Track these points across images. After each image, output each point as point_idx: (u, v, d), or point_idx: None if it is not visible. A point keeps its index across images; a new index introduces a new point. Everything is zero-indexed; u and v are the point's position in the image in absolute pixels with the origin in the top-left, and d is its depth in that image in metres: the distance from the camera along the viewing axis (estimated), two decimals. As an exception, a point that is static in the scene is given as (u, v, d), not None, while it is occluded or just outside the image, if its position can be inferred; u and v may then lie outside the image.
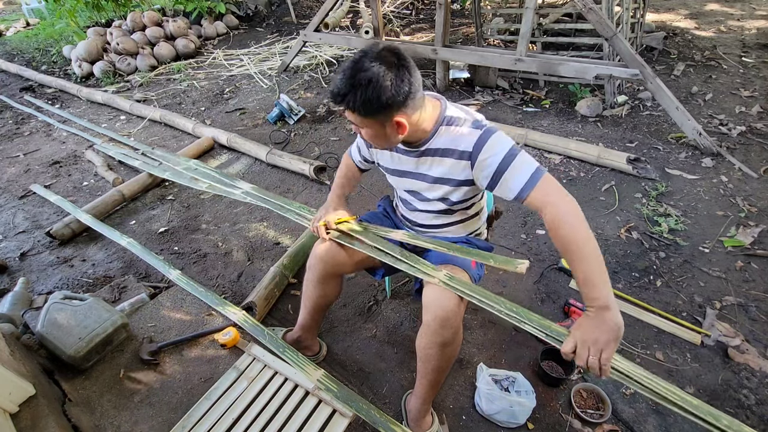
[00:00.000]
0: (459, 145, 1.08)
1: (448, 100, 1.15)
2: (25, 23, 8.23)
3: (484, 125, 1.07)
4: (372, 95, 0.94)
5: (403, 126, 1.02)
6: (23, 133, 3.86)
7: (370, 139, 1.08)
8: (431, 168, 1.16)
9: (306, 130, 3.41)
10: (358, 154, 1.43)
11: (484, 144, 1.04)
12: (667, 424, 1.37)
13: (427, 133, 1.10)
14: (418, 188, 1.23)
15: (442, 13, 3.29)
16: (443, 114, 1.10)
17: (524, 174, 1.01)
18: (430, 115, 1.09)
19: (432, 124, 1.10)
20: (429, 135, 1.11)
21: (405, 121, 1.01)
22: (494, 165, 1.03)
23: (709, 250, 2.00)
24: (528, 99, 3.58)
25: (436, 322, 1.08)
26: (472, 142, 1.05)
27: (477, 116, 1.11)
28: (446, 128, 1.10)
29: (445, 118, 1.10)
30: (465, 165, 1.09)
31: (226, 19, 6.30)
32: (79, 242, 2.36)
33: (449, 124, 1.10)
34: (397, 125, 1.01)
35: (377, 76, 0.93)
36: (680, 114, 2.64)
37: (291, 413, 1.27)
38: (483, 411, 1.40)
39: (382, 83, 0.93)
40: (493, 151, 1.03)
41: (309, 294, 1.40)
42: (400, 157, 1.21)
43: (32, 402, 1.21)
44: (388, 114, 0.99)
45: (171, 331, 1.61)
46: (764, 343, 1.59)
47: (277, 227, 2.38)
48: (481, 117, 1.11)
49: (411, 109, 1.01)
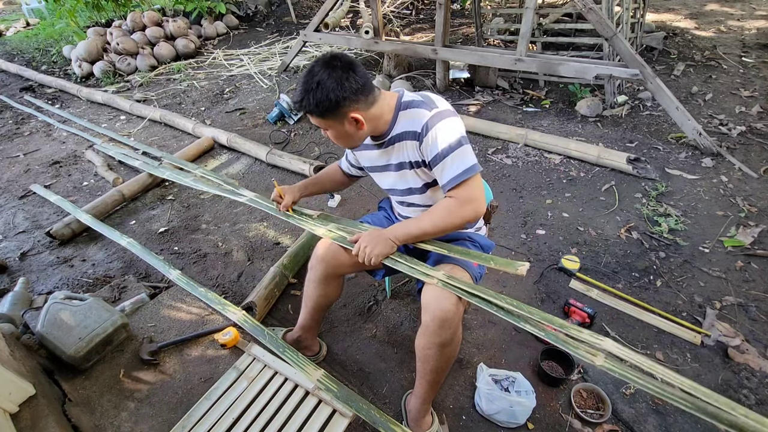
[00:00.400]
0: (413, 126, 1.12)
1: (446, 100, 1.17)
2: (25, 23, 8.23)
3: (437, 107, 1.11)
4: (321, 96, 1.03)
5: (360, 121, 1.09)
6: (23, 133, 3.86)
7: (336, 139, 1.16)
8: (398, 156, 1.20)
9: (306, 130, 3.41)
10: (345, 160, 1.49)
11: (434, 125, 1.08)
12: (667, 424, 1.37)
13: (388, 122, 1.16)
14: (392, 182, 1.28)
15: (442, 13, 3.29)
16: (400, 101, 1.16)
17: (455, 169, 1.08)
18: (388, 105, 1.15)
19: (391, 113, 1.16)
20: (390, 124, 1.17)
21: (360, 117, 1.09)
22: (435, 149, 1.09)
23: (709, 250, 2.00)
24: (528, 99, 3.58)
25: (435, 323, 1.08)
26: (421, 122, 1.10)
27: (435, 99, 1.14)
28: (403, 113, 1.15)
29: (402, 103, 1.16)
30: (414, 145, 1.14)
31: (226, 19, 6.30)
32: (79, 242, 2.36)
33: (406, 108, 1.15)
34: (354, 121, 1.09)
35: (323, 78, 1.03)
36: (680, 114, 2.64)
37: (291, 413, 1.27)
38: (483, 411, 1.40)
39: (328, 84, 1.03)
40: (439, 136, 1.08)
41: (310, 294, 1.41)
42: (371, 153, 1.27)
43: (32, 402, 1.21)
44: (342, 111, 1.06)
45: (171, 331, 1.60)
46: (764, 343, 1.59)
47: (277, 227, 2.38)
48: (438, 99, 1.14)
49: (364, 104, 1.09)
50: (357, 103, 1.08)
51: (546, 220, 2.27)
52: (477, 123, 3.09)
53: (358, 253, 1.18)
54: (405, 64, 4.11)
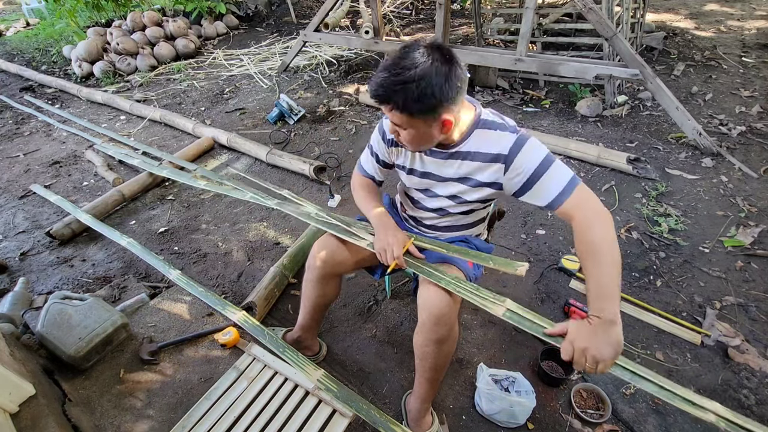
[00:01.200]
0: (492, 148, 1.05)
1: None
2: (25, 23, 8.23)
3: (520, 130, 1.05)
4: (424, 93, 0.89)
5: (449, 124, 0.98)
6: (23, 133, 3.86)
7: (410, 140, 1.02)
8: (458, 170, 1.12)
9: (306, 130, 3.41)
10: (372, 166, 1.33)
11: (521, 148, 1.02)
12: (667, 424, 1.37)
13: (461, 135, 1.08)
14: (437, 189, 1.20)
15: (442, 13, 3.29)
16: (479, 117, 1.08)
17: (560, 182, 0.99)
18: (467, 117, 1.07)
19: (467, 126, 1.07)
20: (463, 137, 1.08)
21: (452, 119, 0.97)
22: (530, 171, 1.01)
23: (709, 250, 2.00)
24: (528, 99, 3.58)
25: (431, 320, 1.09)
26: (508, 146, 1.02)
27: (511, 122, 1.09)
28: (481, 131, 1.07)
29: (481, 121, 1.08)
30: (498, 168, 1.06)
31: (226, 19, 6.30)
32: (79, 242, 2.36)
33: (484, 127, 1.07)
34: (443, 124, 0.98)
35: (428, 72, 0.88)
36: (680, 114, 2.64)
37: (291, 413, 1.27)
38: (483, 411, 1.40)
39: (434, 80, 0.89)
40: (530, 157, 1.01)
41: (308, 294, 1.40)
42: (423, 157, 1.17)
43: (32, 402, 1.21)
44: (438, 112, 0.94)
45: (171, 331, 1.60)
46: (764, 343, 1.59)
47: (277, 227, 2.38)
48: (512, 121, 1.09)
49: (458, 106, 0.98)
50: (455, 105, 0.96)
51: (546, 220, 2.27)
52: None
53: (577, 361, 0.87)
54: (405, 64, 4.10)
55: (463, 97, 0.99)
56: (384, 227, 1.23)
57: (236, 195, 1.89)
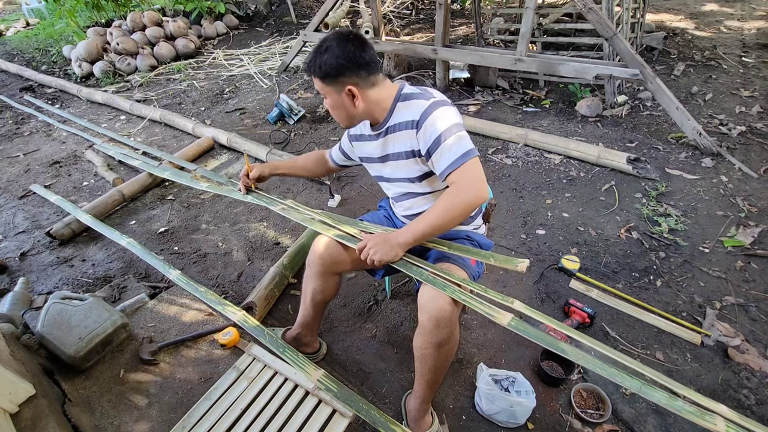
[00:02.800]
0: (410, 116, 1.14)
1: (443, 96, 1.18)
2: (25, 23, 8.23)
3: (435, 98, 1.13)
4: (326, 59, 1.09)
5: (356, 96, 1.13)
6: (23, 133, 3.86)
7: (332, 109, 1.20)
8: (394, 146, 1.21)
9: (306, 130, 3.41)
10: (338, 149, 1.51)
11: (431, 114, 1.10)
12: (667, 424, 1.37)
13: (385, 110, 1.18)
14: (390, 172, 1.29)
15: (442, 13, 3.29)
16: (400, 92, 1.18)
17: (452, 154, 1.07)
18: (388, 94, 1.18)
19: (389, 102, 1.18)
20: (388, 114, 1.18)
21: (356, 91, 1.12)
22: (434, 135, 1.09)
23: (709, 250, 2.00)
24: (528, 99, 3.58)
25: (431, 323, 1.09)
26: (420, 111, 1.11)
27: (433, 92, 1.16)
28: (403, 104, 1.17)
29: (402, 95, 1.18)
30: (413, 133, 1.14)
31: (226, 19, 6.30)
32: (79, 242, 2.36)
33: (405, 99, 1.17)
34: (351, 95, 1.13)
35: (333, 45, 1.09)
36: (680, 114, 2.64)
37: (291, 413, 1.27)
38: (483, 411, 1.40)
39: (336, 50, 1.09)
40: (437, 123, 1.09)
41: (307, 290, 1.41)
42: (370, 144, 1.29)
43: (32, 402, 1.21)
44: (341, 80, 1.11)
45: (171, 331, 1.60)
46: (764, 343, 1.59)
47: (277, 227, 2.38)
48: (437, 93, 1.16)
49: (365, 82, 1.13)
50: (357, 77, 1.11)
51: (546, 220, 2.27)
52: (477, 123, 3.09)
53: (361, 253, 1.17)
54: (405, 64, 4.11)
55: (373, 76, 1.14)
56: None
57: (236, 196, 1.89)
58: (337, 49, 1.09)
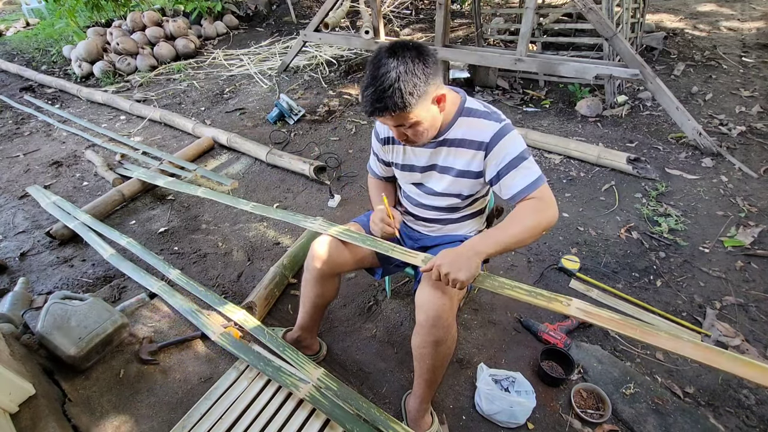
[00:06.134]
0: (477, 135, 1.10)
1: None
2: (25, 23, 8.23)
3: (504, 119, 1.10)
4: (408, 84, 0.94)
5: (443, 97, 1.03)
6: (23, 133, 3.86)
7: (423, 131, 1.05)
8: (447, 159, 1.17)
9: (306, 130, 3.41)
10: (375, 164, 1.40)
11: (502, 137, 1.07)
12: (667, 424, 1.37)
13: (447, 122, 1.12)
14: (430, 181, 1.24)
15: (442, 13, 3.28)
16: (463, 105, 1.13)
17: (528, 178, 1.05)
18: (452, 102, 1.11)
19: (452, 114, 1.12)
20: (448, 125, 1.13)
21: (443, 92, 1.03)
22: (506, 160, 1.06)
23: (709, 250, 2.00)
24: (528, 99, 3.58)
25: (429, 322, 1.09)
26: (490, 133, 1.08)
27: (496, 110, 1.14)
28: (465, 119, 1.12)
29: (465, 109, 1.12)
30: (480, 155, 1.11)
31: (226, 19, 6.29)
32: (79, 242, 2.36)
33: (469, 115, 1.12)
34: (437, 101, 1.03)
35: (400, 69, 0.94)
36: (680, 114, 2.64)
37: (291, 413, 1.27)
38: (483, 411, 1.40)
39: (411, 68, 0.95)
40: (509, 147, 1.07)
41: (307, 293, 1.41)
42: (413, 150, 1.22)
43: (32, 402, 1.21)
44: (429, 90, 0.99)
45: (171, 331, 1.60)
46: (764, 343, 1.59)
47: (277, 227, 2.38)
48: (500, 112, 1.14)
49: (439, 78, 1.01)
50: (437, 78, 1.01)
51: (546, 220, 2.26)
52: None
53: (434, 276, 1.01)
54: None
55: (440, 72, 1.03)
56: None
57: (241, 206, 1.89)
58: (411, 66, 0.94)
